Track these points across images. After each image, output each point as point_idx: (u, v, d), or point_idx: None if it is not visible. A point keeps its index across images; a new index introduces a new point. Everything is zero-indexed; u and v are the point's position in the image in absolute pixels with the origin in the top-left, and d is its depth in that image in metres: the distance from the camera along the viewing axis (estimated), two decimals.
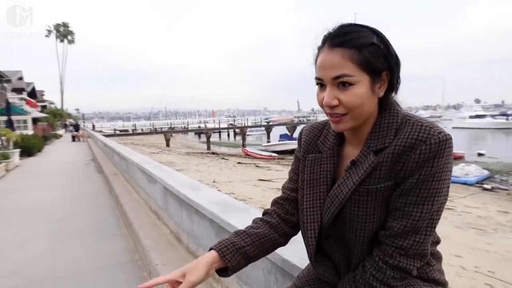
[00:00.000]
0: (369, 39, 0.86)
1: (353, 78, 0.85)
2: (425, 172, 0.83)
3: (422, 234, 0.86)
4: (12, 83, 32.79)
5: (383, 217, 0.91)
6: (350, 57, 0.85)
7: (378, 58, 0.86)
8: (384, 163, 0.87)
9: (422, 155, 0.82)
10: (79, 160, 13.21)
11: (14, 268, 3.52)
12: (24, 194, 7.45)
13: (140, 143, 33.99)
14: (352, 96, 0.86)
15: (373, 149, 0.90)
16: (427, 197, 0.84)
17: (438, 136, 0.82)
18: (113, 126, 56.05)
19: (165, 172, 4.29)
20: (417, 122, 0.86)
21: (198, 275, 0.97)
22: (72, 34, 55.13)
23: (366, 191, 0.90)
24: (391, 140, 0.88)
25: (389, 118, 0.91)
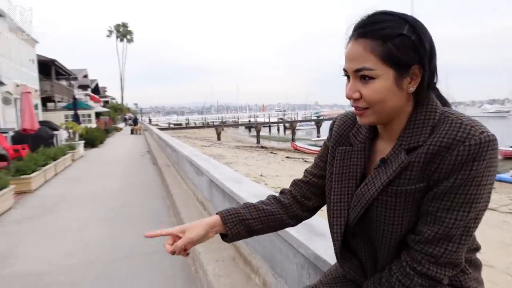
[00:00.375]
0: (397, 29, 0.79)
1: (374, 72, 0.80)
2: (462, 176, 0.75)
3: (456, 242, 0.79)
4: (78, 80, 35.61)
5: (412, 220, 0.85)
6: (373, 49, 0.80)
7: (405, 51, 0.79)
8: (416, 163, 0.81)
9: (459, 157, 0.75)
10: (136, 152, 14.04)
11: (74, 249, 3.87)
12: (86, 182, 8.11)
13: (192, 137, 35.25)
14: (372, 91, 0.81)
15: (405, 148, 0.83)
16: (463, 203, 0.77)
17: (480, 137, 0.74)
18: (168, 120, 58.66)
19: (211, 165, 4.43)
20: (457, 120, 0.78)
21: (196, 233, 1.02)
22: (131, 33, 58.31)
23: (395, 192, 0.84)
24: (426, 139, 0.80)
25: (425, 115, 0.83)
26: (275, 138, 44.24)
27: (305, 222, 1.95)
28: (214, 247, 3.11)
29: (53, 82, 23.23)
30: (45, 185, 7.80)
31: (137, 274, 3.21)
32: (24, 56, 17.29)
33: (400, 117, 0.86)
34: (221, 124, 44.45)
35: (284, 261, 1.97)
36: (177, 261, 3.42)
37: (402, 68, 0.80)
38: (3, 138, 11.06)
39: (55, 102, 23.67)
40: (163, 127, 38.77)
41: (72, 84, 31.77)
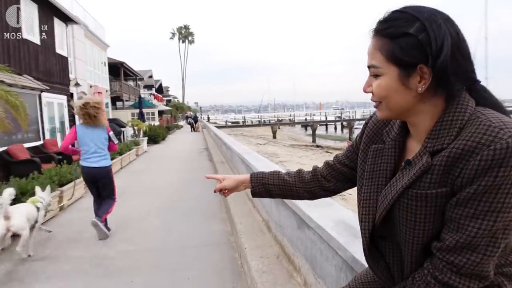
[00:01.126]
0: (403, 28, 0.78)
1: (379, 69, 0.82)
2: (486, 182, 0.71)
3: (480, 253, 0.74)
4: (144, 80, 37.98)
5: (436, 227, 0.81)
6: (380, 47, 0.82)
7: (409, 50, 0.78)
8: (438, 166, 0.78)
9: (483, 162, 0.71)
10: (194, 149, 14.67)
11: (133, 236, 4.19)
12: (148, 175, 8.68)
13: (249, 134, 35.84)
14: (377, 87, 0.84)
15: (430, 150, 0.80)
16: (488, 211, 0.72)
17: (508, 140, 0.69)
18: (226, 118, 60.21)
19: (260, 163, 4.52)
20: (486, 121, 0.73)
21: (229, 184, 1.37)
22: (192, 35, 60.92)
23: (415, 196, 0.81)
24: (451, 141, 0.77)
25: (453, 115, 0.79)
26: (332, 137, 43.36)
27: (348, 224, 1.96)
28: (260, 243, 3.18)
29: (121, 82, 25.04)
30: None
31: (189, 264, 3.39)
32: (96, 59, 18.88)
33: (422, 116, 0.84)
34: (277, 123, 44.65)
35: (323, 262, 1.97)
36: (225, 255, 3.55)
37: (406, 67, 0.79)
38: None
39: (123, 101, 25.51)
40: (220, 125, 39.96)
41: (138, 84, 33.98)
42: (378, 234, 0.97)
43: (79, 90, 14.07)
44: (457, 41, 0.78)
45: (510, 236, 0.77)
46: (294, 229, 2.56)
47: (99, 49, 19.39)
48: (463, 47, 0.79)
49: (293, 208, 2.50)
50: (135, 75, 30.33)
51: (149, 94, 37.04)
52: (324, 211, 2.22)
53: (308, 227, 2.21)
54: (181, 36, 60.58)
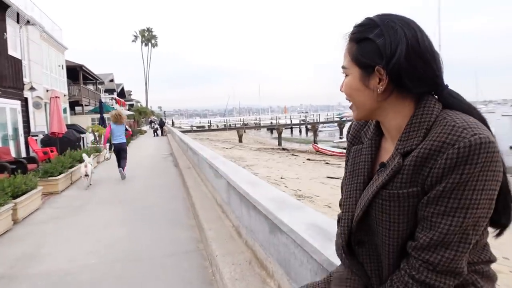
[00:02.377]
0: (366, 33, 0.86)
1: (347, 70, 0.91)
2: (453, 180, 0.74)
3: (453, 250, 0.77)
4: (105, 84, 36.64)
5: (411, 227, 0.83)
6: (349, 50, 0.90)
7: (367, 53, 0.85)
8: (408, 166, 0.81)
9: (448, 160, 0.74)
10: (158, 154, 14.30)
11: (95, 249, 3.96)
12: (110, 183, 8.31)
13: (214, 139, 35.58)
14: (345, 85, 0.92)
15: (401, 151, 0.84)
16: (457, 208, 0.75)
17: (470, 139, 0.73)
18: (191, 122, 59.45)
19: (229, 168, 4.45)
20: (451, 122, 0.77)
21: None
22: (156, 38, 59.66)
23: (388, 196, 0.85)
24: (419, 142, 0.81)
25: (421, 117, 0.83)
26: (297, 140, 44.02)
27: (320, 227, 1.95)
28: (231, 250, 3.11)
29: (80, 86, 23.99)
30: (71, 186, 8.05)
31: (156, 275, 3.25)
32: (53, 62, 17.97)
33: (390, 116, 0.88)
34: (242, 126, 44.64)
35: (298, 266, 1.94)
36: (194, 263, 3.45)
37: (366, 69, 0.86)
38: (34, 141, 11.54)
39: (82, 106, 24.45)
40: (185, 129, 39.33)
41: (98, 88, 32.74)
42: (356, 239, 0.97)
43: (34, 94, 13.29)
44: (415, 45, 0.82)
45: (480, 233, 0.79)
46: (266, 233, 2.52)
47: (56, 52, 18.47)
48: (422, 51, 0.82)
49: (265, 213, 2.46)
50: (95, 79, 29.22)
51: (111, 98, 35.80)
52: (296, 215, 2.20)
53: (281, 231, 2.17)
54: (144, 39, 59.15)
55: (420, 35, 0.83)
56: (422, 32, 0.84)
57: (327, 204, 6.92)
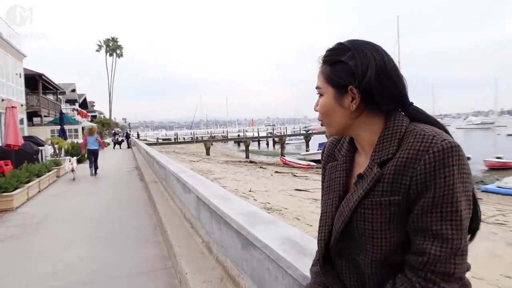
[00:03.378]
0: (339, 56, 0.93)
1: (321, 90, 0.97)
2: (439, 184, 0.78)
3: (460, 255, 0.79)
4: (66, 95, 35.22)
5: (393, 236, 0.86)
6: (322, 72, 0.97)
7: (341, 75, 0.92)
8: (387, 175, 0.86)
9: (427, 165, 0.79)
10: (123, 167, 13.83)
11: (54, 270, 3.72)
12: (71, 199, 7.91)
13: (181, 152, 35.03)
14: (320, 105, 0.98)
15: (378, 161, 0.89)
16: (452, 211, 0.78)
17: (442, 144, 0.79)
18: (157, 134, 58.22)
19: (198, 182, 4.36)
20: (421, 132, 0.84)
21: None
22: (121, 48, 58.26)
23: (370, 204, 0.88)
24: (394, 151, 0.87)
25: (392, 129, 0.90)
26: (264, 153, 44.26)
27: (294, 241, 1.94)
28: (201, 267, 3.03)
29: (39, 96, 22.92)
30: (28, 202, 7.58)
31: None
32: (10, 70, 17.06)
33: (362, 131, 0.95)
34: (210, 139, 44.31)
35: (273, 282, 1.91)
36: (162, 282, 3.31)
37: (340, 88, 0.93)
38: None
39: (41, 117, 23.32)
40: (151, 142, 38.44)
41: (59, 98, 31.42)
42: (336, 251, 0.98)
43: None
44: (383, 67, 0.90)
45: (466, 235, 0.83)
46: (239, 249, 2.47)
47: (13, 59, 17.57)
48: (390, 73, 0.90)
49: (237, 228, 2.41)
50: (56, 89, 28.05)
51: (72, 109, 34.44)
52: (269, 229, 2.17)
53: (254, 246, 2.14)
54: (108, 48, 57.57)
55: (387, 58, 0.92)
56: (388, 56, 0.93)
57: (296, 217, 6.95)
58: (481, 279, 4.62)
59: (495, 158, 22.18)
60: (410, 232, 0.84)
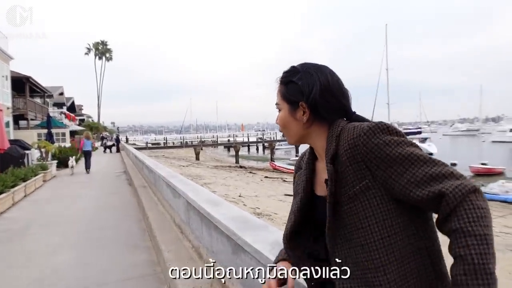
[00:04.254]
0: (291, 77, 1.10)
1: (279, 106, 1.13)
2: (388, 149, 0.92)
3: (454, 175, 0.89)
4: (53, 98, 34.74)
5: (380, 221, 0.92)
6: (280, 90, 1.13)
7: (293, 93, 1.08)
8: (346, 167, 0.97)
9: (367, 144, 0.94)
10: (111, 172, 13.69)
11: (42, 276, 3.66)
12: (58, 204, 7.80)
13: (170, 156, 34.80)
14: (279, 119, 1.14)
15: (328, 160, 1.01)
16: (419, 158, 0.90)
17: (367, 125, 0.96)
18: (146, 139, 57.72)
19: (188, 186, 4.35)
20: (351, 126, 1.01)
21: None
22: (110, 51, 57.88)
23: (348, 198, 0.96)
24: (335, 146, 1.01)
25: (332, 132, 1.05)
26: (254, 158, 44.26)
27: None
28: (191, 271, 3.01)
29: (26, 99, 22.57)
30: (13, 207, 7.44)
31: None
32: None
33: (314, 139, 1.11)
34: (199, 144, 44.15)
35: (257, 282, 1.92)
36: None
37: (293, 104, 1.09)
38: None
39: (28, 120, 22.95)
40: (140, 146, 38.11)
41: (46, 101, 30.97)
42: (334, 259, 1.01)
43: None
44: (326, 85, 1.06)
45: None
46: (229, 254, 2.47)
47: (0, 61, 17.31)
48: (332, 89, 1.06)
49: (228, 233, 2.42)
50: (43, 92, 27.67)
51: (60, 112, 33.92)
52: (259, 234, 2.19)
53: (245, 251, 2.15)
54: (97, 52, 57.10)
55: (331, 78, 1.07)
56: (332, 75, 1.08)
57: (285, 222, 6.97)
58: None
59: (481, 164, 22.61)
60: (408, 192, 0.89)
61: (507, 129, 51.67)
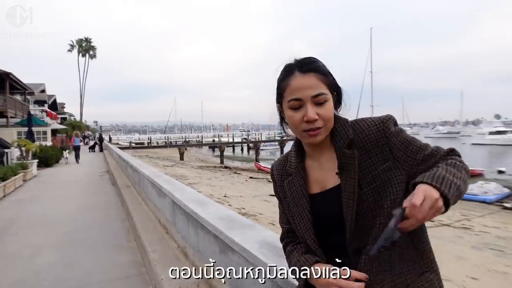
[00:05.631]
0: (327, 68, 1.08)
1: (327, 96, 1.04)
2: (397, 135, 1.04)
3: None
4: (34, 95, 33.86)
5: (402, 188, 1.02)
6: (322, 80, 1.04)
7: (335, 81, 1.08)
8: (369, 152, 1.03)
9: (387, 129, 1.04)
10: (94, 172, 13.44)
11: (24, 278, 3.57)
12: (38, 204, 7.61)
13: (154, 156, 34.40)
14: (328, 110, 1.04)
15: (344, 146, 1.05)
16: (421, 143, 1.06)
17: (385, 116, 1.07)
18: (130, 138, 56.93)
19: (174, 186, 4.32)
20: (364, 118, 1.08)
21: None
22: (94, 49, 56.85)
23: (372, 178, 1.01)
24: (352, 134, 1.05)
25: (342, 123, 1.09)
26: (239, 158, 44.21)
27: (273, 245, 1.97)
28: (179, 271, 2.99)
29: (6, 96, 21.94)
30: None
31: None
32: None
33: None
34: (184, 144, 43.81)
35: (251, 286, 1.93)
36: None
37: (335, 94, 1.08)
38: None
39: (7, 118, 22.32)
40: (124, 146, 37.53)
41: (27, 99, 30.19)
42: (353, 248, 1.03)
43: None
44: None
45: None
46: (216, 254, 2.47)
47: None
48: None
49: (215, 232, 2.42)
50: (24, 89, 26.91)
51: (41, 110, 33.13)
52: (247, 233, 2.19)
53: (233, 251, 2.15)
54: (81, 49, 56.00)
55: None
56: None
57: (271, 222, 7.00)
58: (448, 281, 4.81)
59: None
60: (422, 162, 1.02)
61: (486, 132, 53.11)
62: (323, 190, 1.10)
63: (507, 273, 5.36)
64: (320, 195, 1.10)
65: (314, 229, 1.08)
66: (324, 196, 1.09)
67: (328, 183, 1.09)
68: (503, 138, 47.50)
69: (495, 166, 24.76)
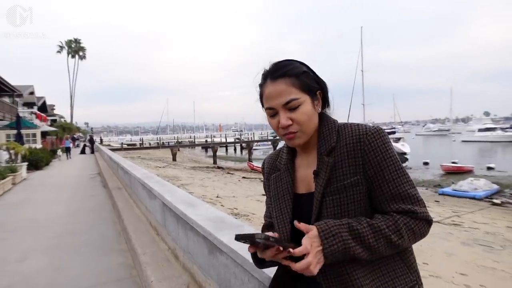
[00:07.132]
0: (301, 68, 1.05)
1: (299, 100, 1.02)
2: (387, 155, 1.00)
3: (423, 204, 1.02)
4: (23, 97, 33.39)
5: (362, 214, 1.00)
6: (292, 84, 1.02)
7: (311, 82, 1.05)
8: (343, 161, 1.01)
9: (372, 142, 1.00)
10: (85, 174, 13.32)
11: (12, 283, 3.53)
12: (28, 207, 7.52)
13: (147, 157, 34.21)
14: (302, 114, 1.03)
15: (325, 152, 1.04)
16: (404, 172, 1.01)
17: (374, 128, 1.02)
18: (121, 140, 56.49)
19: (164, 188, 4.30)
20: (352, 124, 1.05)
21: None
22: (84, 50, 56.22)
23: (337, 189, 1.00)
24: (335, 141, 1.03)
25: (329, 126, 1.07)
26: (232, 158, 44.16)
27: None
28: (167, 274, 2.99)
29: None
30: None
31: None
32: None
33: (314, 133, 1.09)
34: (176, 145, 43.60)
35: (239, 286, 1.94)
36: None
37: (313, 94, 1.06)
38: None
39: None
40: (115, 147, 37.23)
41: (16, 101, 29.75)
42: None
43: None
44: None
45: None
46: (205, 255, 2.47)
47: None
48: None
49: (204, 234, 2.42)
50: (12, 91, 26.43)
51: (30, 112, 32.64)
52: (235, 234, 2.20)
53: (221, 251, 2.16)
54: (70, 50, 55.36)
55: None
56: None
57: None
58: (438, 277, 4.88)
59: (451, 163, 23.45)
60: (383, 200, 1.00)
61: (476, 129, 53.79)
62: (308, 192, 1.09)
63: (495, 269, 5.45)
64: (304, 197, 1.10)
65: (291, 228, 1.07)
66: (306, 199, 1.09)
67: (313, 186, 1.08)
68: (492, 135, 48.19)
69: (484, 162, 25.11)
